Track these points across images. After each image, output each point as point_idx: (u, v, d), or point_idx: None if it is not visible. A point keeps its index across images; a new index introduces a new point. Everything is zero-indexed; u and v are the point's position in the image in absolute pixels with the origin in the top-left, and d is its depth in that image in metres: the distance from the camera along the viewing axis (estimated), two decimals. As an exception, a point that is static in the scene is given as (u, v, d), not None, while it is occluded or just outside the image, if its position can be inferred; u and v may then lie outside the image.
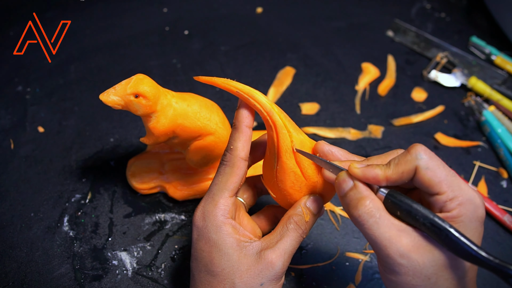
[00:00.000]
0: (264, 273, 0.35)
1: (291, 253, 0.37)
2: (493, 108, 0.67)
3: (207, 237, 0.37)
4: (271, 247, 0.36)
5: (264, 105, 0.37)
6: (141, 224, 0.53)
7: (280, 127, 0.37)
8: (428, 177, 0.31)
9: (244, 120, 0.37)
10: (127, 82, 0.42)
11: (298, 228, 0.37)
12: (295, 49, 0.77)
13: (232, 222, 0.37)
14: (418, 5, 0.88)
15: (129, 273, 0.49)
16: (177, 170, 0.54)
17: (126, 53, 0.74)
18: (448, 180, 0.31)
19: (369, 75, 0.73)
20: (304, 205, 0.38)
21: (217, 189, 0.37)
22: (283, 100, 0.68)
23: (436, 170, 0.31)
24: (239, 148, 0.37)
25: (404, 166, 0.31)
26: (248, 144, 0.38)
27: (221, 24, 0.80)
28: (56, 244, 0.50)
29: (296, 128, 0.38)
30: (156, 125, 0.43)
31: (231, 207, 0.37)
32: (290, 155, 0.37)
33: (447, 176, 0.31)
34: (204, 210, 0.37)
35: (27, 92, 0.66)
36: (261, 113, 0.37)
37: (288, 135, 0.37)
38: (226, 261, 0.36)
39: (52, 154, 0.59)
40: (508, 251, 0.54)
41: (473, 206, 0.31)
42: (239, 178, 0.37)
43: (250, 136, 0.38)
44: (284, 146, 0.37)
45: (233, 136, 0.38)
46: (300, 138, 0.38)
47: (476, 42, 0.79)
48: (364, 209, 0.32)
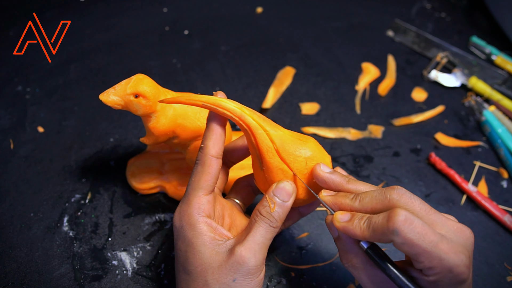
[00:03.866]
0: (235, 268, 0.35)
1: (263, 245, 0.36)
2: (493, 108, 0.67)
3: (183, 236, 0.37)
4: (240, 242, 0.36)
5: (233, 111, 0.36)
6: (141, 224, 0.53)
7: (255, 128, 0.37)
8: (405, 250, 0.31)
9: (213, 119, 0.38)
10: (127, 82, 0.42)
11: (264, 218, 0.37)
12: (295, 49, 0.77)
13: (207, 221, 0.37)
14: (418, 5, 0.88)
15: (129, 273, 0.49)
16: (177, 170, 0.54)
17: (126, 53, 0.73)
18: (426, 253, 0.30)
19: (369, 75, 0.73)
20: (268, 195, 0.37)
21: (191, 188, 0.38)
22: (283, 100, 0.68)
23: (414, 244, 0.30)
24: (209, 146, 0.37)
25: (381, 236, 0.32)
26: (219, 142, 0.38)
27: (221, 24, 0.80)
28: (56, 244, 0.50)
29: (272, 124, 0.38)
30: (156, 125, 0.43)
31: (206, 205, 0.37)
32: (272, 153, 0.37)
33: (426, 249, 0.30)
34: (180, 210, 0.38)
35: (27, 92, 0.66)
36: (233, 119, 0.37)
37: (266, 134, 0.37)
38: (199, 259, 0.36)
39: (52, 154, 0.59)
40: (508, 251, 0.54)
41: (452, 275, 0.30)
42: (211, 176, 0.37)
43: (221, 134, 0.38)
44: (265, 146, 0.37)
45: (204, 135, 0.38)
46: (279, 133, 0.38)
47: (476, 42, 0.79)
48: (348, 263, 0.36)
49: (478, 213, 0.57)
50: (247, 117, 0.37)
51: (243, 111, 0.37)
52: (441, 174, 0.61)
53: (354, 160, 0.61)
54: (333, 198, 0.36)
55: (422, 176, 0.60)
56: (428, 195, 0.58)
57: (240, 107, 0.37)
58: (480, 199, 0.57)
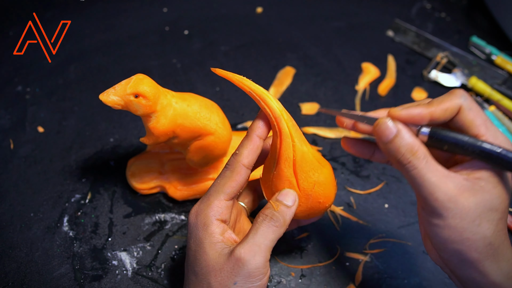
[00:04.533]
0: (235, 270, 0.34)
1: (264, 246, 0.35)
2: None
3: (195, 235, 0.37)
4: (241, 243, 0.35)
5: (273, 110, 0.37)
6: (141, 224, 0.53)
7: (285, 135, 0.37)
8: (470, 118, 0.33)
9: (256, 130, 0.38)
10: (127, 82, 0.42)
11: (267, 217, 0.36)
12: (295, 49, 0.77)
13: (220, 224, 0.37)
14: (418, 5, 0.88)
15: (129, 273, 0.49)
16: (177, 170, 0.54)
17: (126, 53, 0.73)
18: (487, 125, 0.33)
19: (369, 75, 0.73)
20: (272, 200, 0.38)
21: (214, 190, 0.38)
22: (283, 100, 0.68)
23: (478, 112, 0.33)
24: (243, 155, 0.37)
25: (449, 103, 0.33)
26: (255, 153, 0.38)
27: (221, 24, 0.80)
28: (56, 244, 0.50)
29: (302, 138, 0.39)
30: (156, 125, 0.43)
31: (224, 210, 0.37)
32: (289, 164, 0.38)
33: (487, 121, 0.33)
34: (198, 208, 0.38)
35: (27, 92, 0.66)
36: (270, 117, 0.37)
37: (292, 145, 0.37)
38: (204, 261, 0.36)
39: (52, 154, 0.59)
40: (508, 251, 0.53)
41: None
42: (237, 183, 0.37)
43: (258, 146, 0.38)
44: (285, 155, 0.38)
45: (242, 143, 0.38)
46: (303, 149, 0.38)
47: (476, 42, 0.79)
48: (412, 156, 0.32)
49: (478, 213, 0.57)
50: (283, 122, 0.37)
51: (282, 115, 0.37)
52: (441, 174, 0.61)
53: (354, 160, 0.61)
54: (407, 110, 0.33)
55: (422, 176, 0.60)
56: (428, 195, 0.58)
57: (281, 109, 0.37)
58: (480, 199, 0.57)
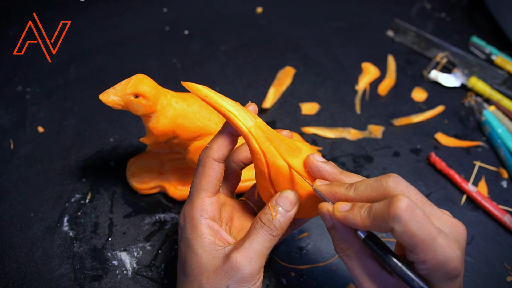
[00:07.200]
0: (229, 274, 0.34)
1: (260, 253, 0.35)
2: (493, 108, 0.67)
3: (185, 238, 0.37)
4: (237, 248, 0.35)
5: (240, 130, 0.36)
6: (141, 224, 0.53)
7: (255, 152, 0.36)
8: (403, 240, 0.30)
9: (229, 126, 0.37)
10: (127, 82, 0.42)
11: (264, 226, 0.36)
12: (295, 49, 0.77)
13: (209, 223, 0.36)
14: (418, 5, 0.88)
15: (129, 273, 0.49)
16: (177, 170, 0.54)
17: (126, 53, 0.73)
18: (424, 245, 0.29)
19: (369, 75, 0.73)
20: (271, 204, 0.37)
21: (193, 190, 0.38)
22: (283, 100, 0.68)
23: (413, 235, 0.29)
24: (213, 149, 0.37)
25: (381, 224, 0.30)
26: (226, 147, 0.37)
27: (221, 24, 0.80)
28: (56, 244, 0.50)
29: (280, 151, 0.36)
30: (156, 125, 0.43)
31: (209, 207, 0.37)
32: (264, 177, 0.37)
33: (424, 240, 0.29)
34: (184, 210, 0.38)
35: (27, 92, 0.66)
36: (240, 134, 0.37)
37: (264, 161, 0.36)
38: (196, 262, 0.36)
39: (52, 154, 0.59)
40: (508, 251, 0.54)
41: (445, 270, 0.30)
42: (212, 178, 0.37)
43: (230, 141, 0.37)
44: (258, 169, 0.37)
45: (214, 137, 0.38)
46: (278, 164, 0.36)
47: (476, 42, 0.79)
48: (342, 252, 0.34)
49: (478, 213, 0.57)
50: (252, 140, 0.36)
51: (250, 133, 0.36)
52: (441, 174, 0.61)
53: (354, 160, 0.61)
54: (327, 187, 0.35)
55: (422, 176, 0.60)
56: (428, 195, 0.58)
57: (249, 127, 0.36)
58: (480, 199, 0.57)
